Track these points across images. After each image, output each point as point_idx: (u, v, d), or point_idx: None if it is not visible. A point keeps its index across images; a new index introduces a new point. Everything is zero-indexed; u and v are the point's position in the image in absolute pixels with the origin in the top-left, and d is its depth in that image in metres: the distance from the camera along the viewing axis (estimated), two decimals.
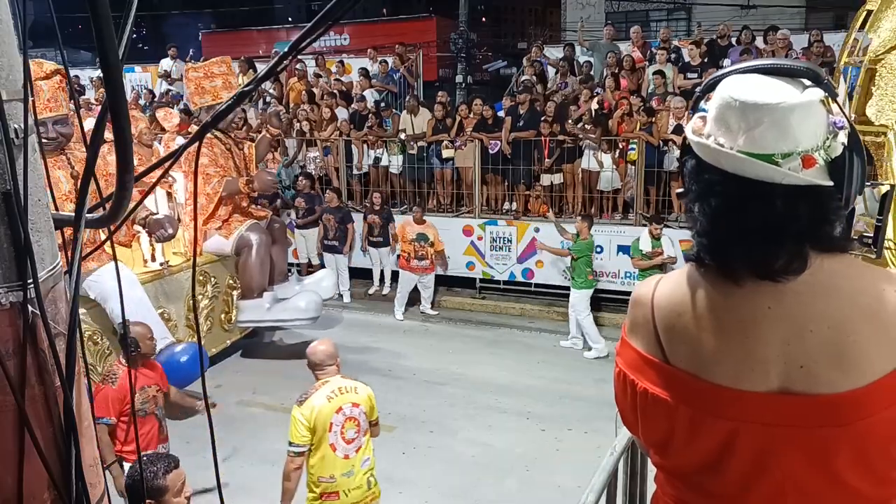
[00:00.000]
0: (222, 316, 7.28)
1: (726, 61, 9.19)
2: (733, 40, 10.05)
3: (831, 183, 1.08)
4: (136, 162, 6.65)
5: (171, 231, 5.77)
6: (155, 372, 4.36)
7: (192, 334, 6.60)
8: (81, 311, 5.13)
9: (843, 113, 1.10)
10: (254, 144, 7.64)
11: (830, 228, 1.11)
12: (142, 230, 6.09)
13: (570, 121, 9.16)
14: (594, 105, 9.50)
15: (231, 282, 7.31)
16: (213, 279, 7.10)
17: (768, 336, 1.12)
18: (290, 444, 3.57)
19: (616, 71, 10.05)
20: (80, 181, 1.11)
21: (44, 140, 5.21)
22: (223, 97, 7.10)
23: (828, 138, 1.09)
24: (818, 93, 1.09)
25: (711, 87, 1.17)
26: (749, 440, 1.14)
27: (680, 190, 1.26)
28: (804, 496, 1.13)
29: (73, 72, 10.76)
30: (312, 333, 7.57)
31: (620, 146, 9.09)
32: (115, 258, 1.53)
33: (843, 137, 1.10)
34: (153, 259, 6.42)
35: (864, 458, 1.10)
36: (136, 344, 4.06)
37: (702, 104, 1.20)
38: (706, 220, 1.15)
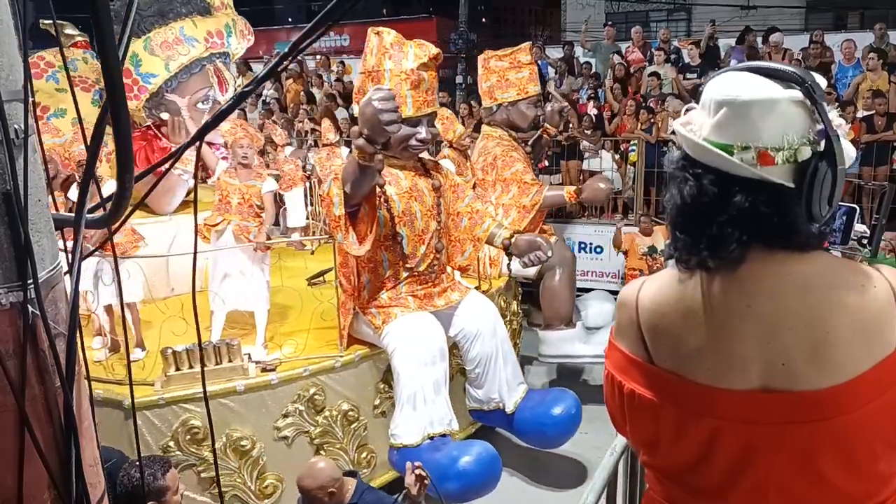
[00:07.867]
0: None
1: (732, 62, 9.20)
2: (732, 41, 10.07)
3: (792, 185, 1.08)
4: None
5: (550, 253, 4.51)
6: None
7: None
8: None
9: (830, 122, 1.08)
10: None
11: (794, 227, 1.11)
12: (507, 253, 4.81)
13: (572, 125, 9.14)
14: (592, 109, 9.49)
15: (515, 308, 6.18)
16: (506, 306, 5.88)
17: (747, 334, 1.13)
18: None
19: (614, 74, 10.05)
20: (81, 181, 1.11)
21: (415, 143, 4.22)
22: (530, 92, 6.03)
23: (796, 141, 1.08)
24: (791, 93, 1.09)
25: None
26: (732, 438, 1.15)
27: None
28: (787, 492, 1.15)
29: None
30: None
31: (622, 147, 9.09)
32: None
33: (820, 146, 1.08)
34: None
35: (847, 454, 1.11)
36: None
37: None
38: (673, 208, 1.19)
